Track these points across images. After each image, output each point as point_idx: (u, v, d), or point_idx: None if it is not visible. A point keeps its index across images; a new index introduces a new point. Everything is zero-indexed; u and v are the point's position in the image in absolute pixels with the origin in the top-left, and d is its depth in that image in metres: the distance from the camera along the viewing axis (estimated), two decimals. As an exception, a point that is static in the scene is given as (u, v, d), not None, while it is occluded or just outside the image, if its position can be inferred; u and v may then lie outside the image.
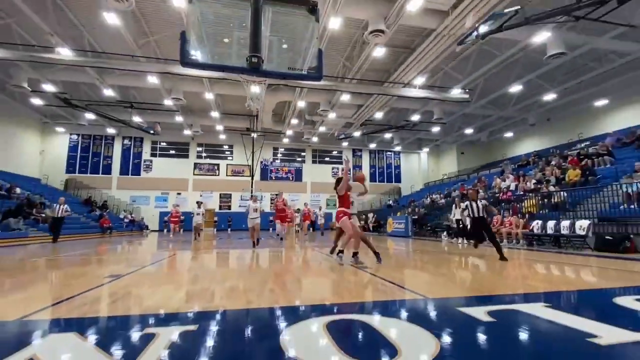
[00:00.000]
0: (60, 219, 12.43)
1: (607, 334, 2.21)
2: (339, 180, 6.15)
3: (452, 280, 4.55)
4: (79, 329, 2.35)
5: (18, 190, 16.75)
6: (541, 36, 12.32)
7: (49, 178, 24.71)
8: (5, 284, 4.20)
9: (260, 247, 9.69)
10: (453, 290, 3.85)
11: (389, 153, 33.12)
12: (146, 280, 4.45)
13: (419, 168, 33.29)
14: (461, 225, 12.10)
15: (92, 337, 2.20)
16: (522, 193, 13.23)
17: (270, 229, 18.74)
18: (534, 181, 13.85)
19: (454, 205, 13.25)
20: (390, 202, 29.10)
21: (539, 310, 2.83)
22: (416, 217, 19.10)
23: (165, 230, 23.01)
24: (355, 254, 5.90)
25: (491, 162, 27.31)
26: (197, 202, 15.39)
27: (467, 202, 7.37)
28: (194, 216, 14.73)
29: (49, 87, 17.22)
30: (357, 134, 24.04)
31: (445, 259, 7.25)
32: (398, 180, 32.98)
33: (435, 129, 25.23)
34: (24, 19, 12.52)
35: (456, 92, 16.66)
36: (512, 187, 14.91)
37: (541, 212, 11.32)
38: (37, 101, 19.73)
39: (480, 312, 2.69)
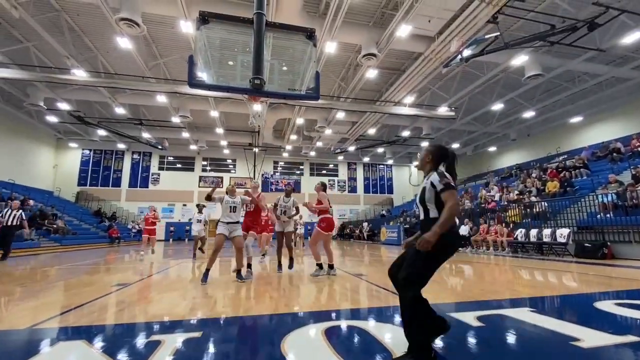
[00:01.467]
0: (9, 228, 9.34)
1: (589, 338, 2.19)
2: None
3: (443, 287, 4.51)
4: (88, 336, 2.29)
5: (31, 202, 16.58)
6: (520, 59, 12.57)
7: (62, 190, 24.52)
8: (17, 293, 4.11)
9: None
10: (444, 296, 3.82)
11: (381, 166, 33.23)
12: (152, 288, 4.38)
13: (409, 179, 33.40)
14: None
15: (100, 345, 2.15)
16: (506, 203, 13.27)
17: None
18: (516, 192, 13.91)
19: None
20: (384, 212, 29.08)
21: (524, 314, 2.80)
22: (408, 226, 19.04)
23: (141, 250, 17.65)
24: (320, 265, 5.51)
25: (477, 174, 27.41)
26: (198, 205, 10.87)
27: None
28: (194, 223, 10.50)
29: (63, 106, 17.26)
30: (352, 148, 24.16)
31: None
32: (390, 191, 33.00)
33: (425, 144, 25.38)
34: (42, 43, 12.62)
35: (443, 110, 16.83)
36: (497, 198, 14.96)
37: (524, 221, 11.33)
38: (52, 118, 19.75)
39: (470, 317, 2.66)
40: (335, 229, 29.11)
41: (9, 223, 9.28)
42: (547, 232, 9.38)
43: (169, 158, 28.50)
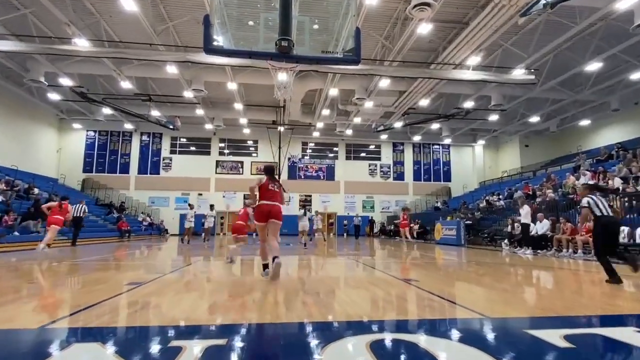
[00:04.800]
0: (79, 219, 13.21)
1: None
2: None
3: (517, 297, 4.38)
4: (102, 339, 2.50)
5: (36, 190, 18.11)
6: (627, 1, 11.48)
7: (67, 178, 26.56)
8: (24, 290, 4.55)
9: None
10: (518, 309, 3.70)
11: (436, 147, 32.45)
12: (169, 288, 4.65)
13: (473, 164, 32.27)
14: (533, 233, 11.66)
15: (116, 349, 2.33)
16: (602, 193, 12.41)
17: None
18: (618, 179, 12.97)
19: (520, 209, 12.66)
20: (439, 204, 28.57)
21: (629, 336, 2.65)
22: (470, 222, 18.52)
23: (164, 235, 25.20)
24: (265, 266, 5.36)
25: (562, 156, 25.93)
26: (211, 205, 17.56)
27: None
28: (207, 218, 16.41)
29: (65, 81, 18.49)
30: (398, 125, 23.68)
31: (506, 272, 6.99)
32: (448, 178, 32.24)
33: (493, 118, 24.34)
34: (40, 9, 13.49)
35: (519, 73, 16.00)
36: (590, 186, 14.04)
37: (628, 217, 10.57)
38: (54, 96, 21.27)
39: (554, 336, 2.56)
40: (376, 224, 29.38)
41: (78, 214, 12.90)
42: (660, 231, 8.69)
43: (182, 140, 29.76)
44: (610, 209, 5.35)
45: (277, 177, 5.89)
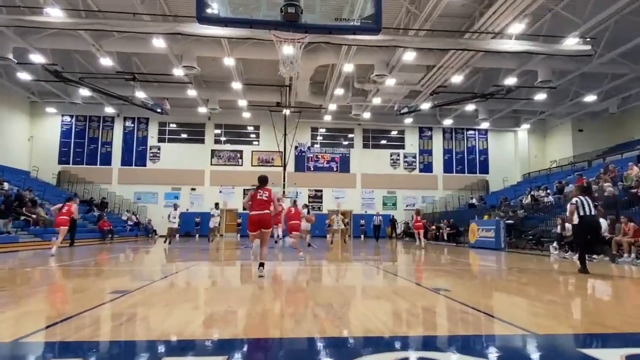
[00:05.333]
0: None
1: None
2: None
3: (567, 311, 4.35)
4: (83, 354, 2.54)
5: (6, 185, 18.49)
6: None
7: (40, 170, 26.90)
8: (-3, 298, 4.66)
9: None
10: (569, 324, 3.68)
11: (471, 132, 32.12)
12: (158, 298, 4.72)
13: (515, 152, 31.85)
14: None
15: (99, 366, 2.37)
16: (673, 187, 12.18)
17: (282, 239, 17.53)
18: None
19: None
20: (474, 200, 28.26)
21: None
22: (511, 221, 18.32)
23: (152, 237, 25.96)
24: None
25: (623, 143, 25.39)
26: (215, 204, 20.42)
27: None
28: (213, 218, 19.47)
29: (37, 58, 18.71)
30: (425, 106, 23.47)
31: (555, 281, 6.93)
32: (485, 170, 31.94)
33: (540, 97, 23.94)
34: (8, -26, 13.68)
35: (571, 43, 15.71)
36: (658, 179, 13.76)
37: None
38: (24, 76, 21.55)
39: (613, 357, 2.53)
40: (398, 225, 29.15)
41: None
42: None
43: (171, 126, 29.95)
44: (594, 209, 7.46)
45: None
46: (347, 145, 31.36)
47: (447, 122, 30.48)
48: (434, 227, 24.81)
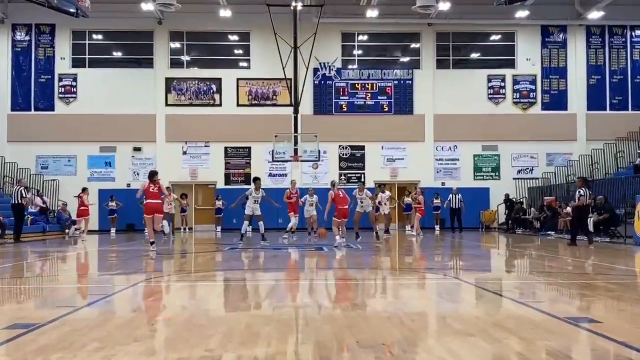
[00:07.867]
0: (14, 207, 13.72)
1: None
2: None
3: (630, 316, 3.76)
4: None
5: None
6: None
7: None
8: None
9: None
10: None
11: (637, 35, 22.06)
12: (85, 337, 3.30)
13: None
14: None
15: None
16: None
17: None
18: None
19: None
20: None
21: None
22: None
23: (69, 232, 18.41)
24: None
25: None
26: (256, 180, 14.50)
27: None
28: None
29: None
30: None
31: None
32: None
33: None
34: None
35: None
36: None
37: None
38: None
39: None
40: (517, 206, 24.96)
41: (16, 201, 13.69)
42: None
43: (95, 37, 21.46)
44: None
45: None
46: (409, 64, 22.01)
47: (593, 15, 20.95)
48: (568, 207, 16.69)
